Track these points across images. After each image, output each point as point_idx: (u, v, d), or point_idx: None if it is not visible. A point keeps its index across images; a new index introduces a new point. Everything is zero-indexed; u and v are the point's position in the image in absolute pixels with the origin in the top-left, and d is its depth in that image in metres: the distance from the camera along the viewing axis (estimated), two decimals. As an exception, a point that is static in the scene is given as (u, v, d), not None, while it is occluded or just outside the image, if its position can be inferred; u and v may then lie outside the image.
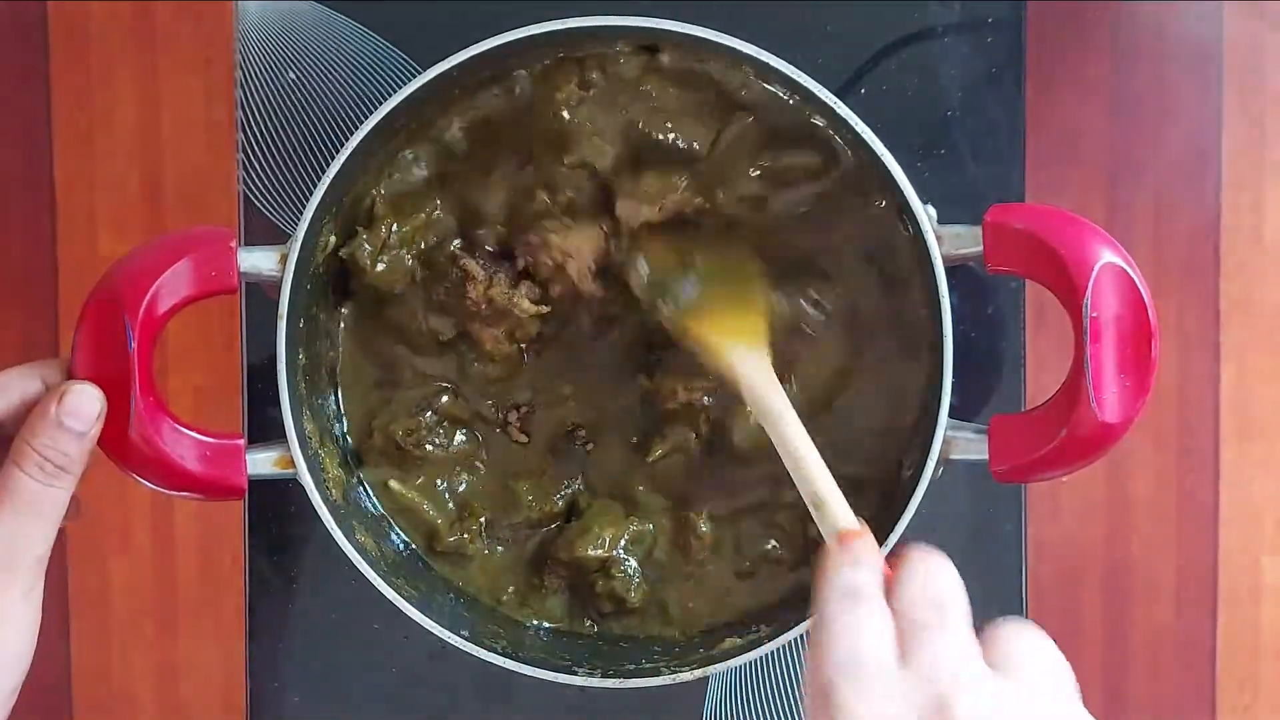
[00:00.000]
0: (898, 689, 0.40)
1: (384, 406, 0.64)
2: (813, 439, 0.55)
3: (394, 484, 0.64)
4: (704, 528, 0.64)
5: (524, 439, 0.65)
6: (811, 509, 0.50)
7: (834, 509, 0.50)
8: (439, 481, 0.64)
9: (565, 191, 0.61)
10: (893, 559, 0.45)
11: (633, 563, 0.64)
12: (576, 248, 0.62)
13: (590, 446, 0.65)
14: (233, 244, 0.55)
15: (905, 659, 0.41)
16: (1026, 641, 0.42)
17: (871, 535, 0.48)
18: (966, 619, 0.43)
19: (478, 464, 0.65)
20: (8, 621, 0.51)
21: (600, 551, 0.63)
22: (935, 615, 0.42)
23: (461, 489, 0.65)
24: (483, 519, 0.64)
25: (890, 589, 0.44)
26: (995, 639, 0.42)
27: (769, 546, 0.64)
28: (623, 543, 0.64)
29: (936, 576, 0.44)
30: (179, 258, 0.54)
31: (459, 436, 0.64)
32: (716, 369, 0.58)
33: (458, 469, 0.65)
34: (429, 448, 0.64)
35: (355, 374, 0.64)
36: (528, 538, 0.65)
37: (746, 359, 0.56)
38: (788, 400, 0.54)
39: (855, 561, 0.45)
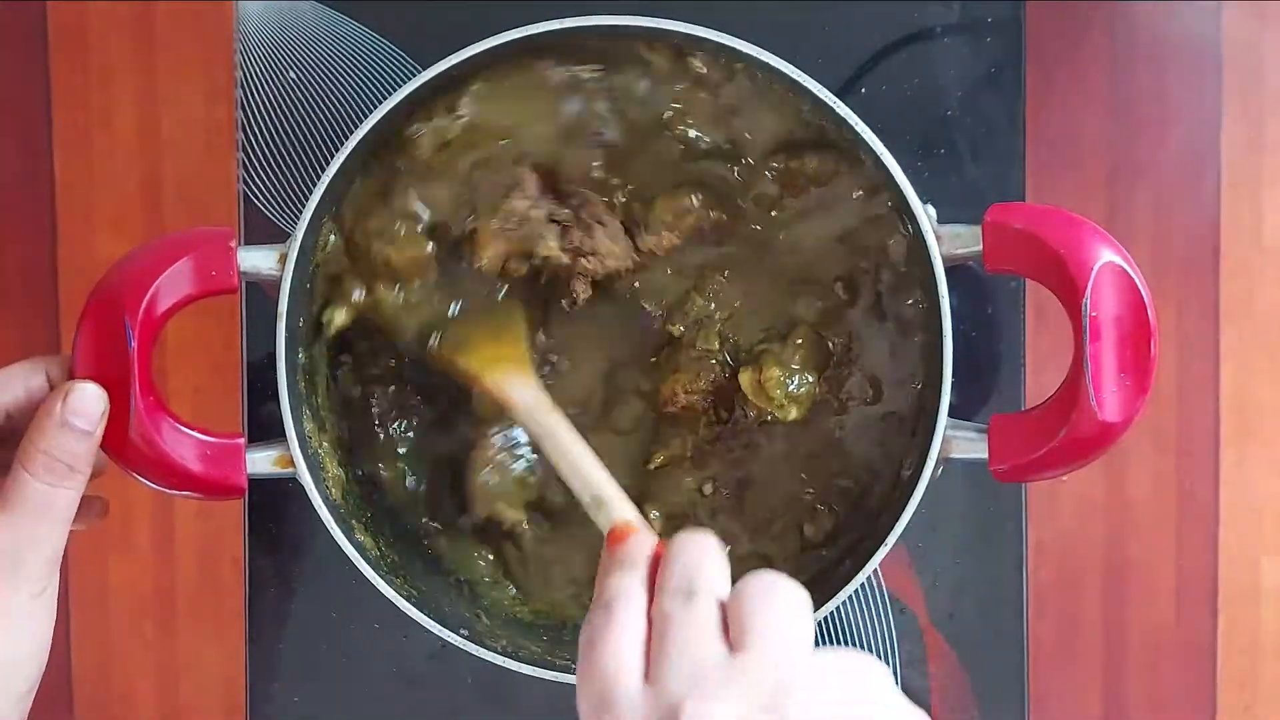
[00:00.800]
0: (639, 715, 0.40)
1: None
2: (813, 437, 0.55)
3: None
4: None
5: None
6: (593, 511, 0.50)
7: (613, 506, 0.50)
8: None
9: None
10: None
11: None
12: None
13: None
14: (232, 244, 0.55)
15: (649, 671, 0.40)
16: (757, 601, 0.41)
17: (643, 531, 0.47)
18: (713, 597, 0.41)
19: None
20: (15, 623, 0.51)
21: None
22: (681, 603, 0.41)
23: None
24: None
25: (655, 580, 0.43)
26: (731, 614, 0.41)
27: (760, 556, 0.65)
28: None
29: (686, 558, 0.43)
30: (178, 258, 0.55)
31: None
32: (487, 394, 0.59)
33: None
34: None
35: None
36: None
37: (514, 384, 0.58)
38: (559, 413, 0.55)
39: (620, 564, 0.44)
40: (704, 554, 0.43)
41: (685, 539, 0.44)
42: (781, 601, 0.41)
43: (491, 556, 0.65)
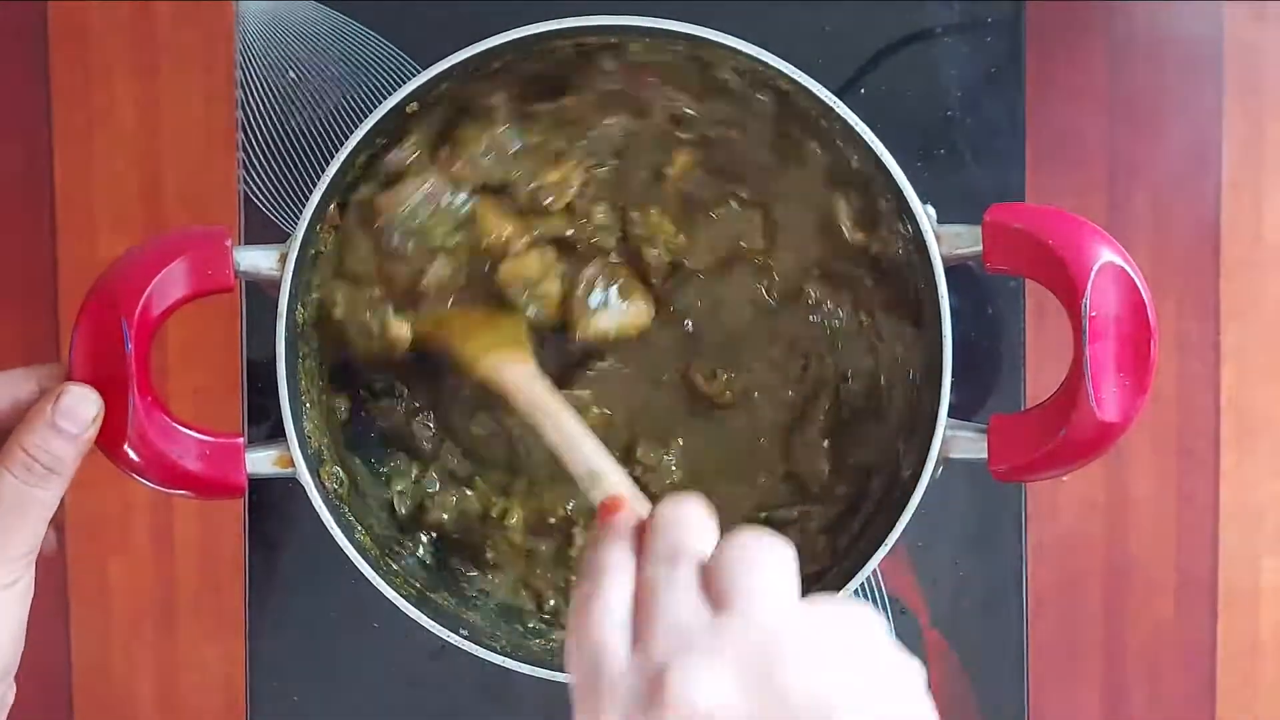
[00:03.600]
0: (625, 684, 0.39)
1: None
2: (815, 434, 0.54)
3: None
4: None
5: None
6: (588, 486, 0.51)
7: (607, 481, 0.50)
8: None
9: None
10: None
11: None
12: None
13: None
14: (228, 243, 0.55)
15: (636, 637, 0.40)
16: (736, 561, 0.41)
17: (634, 503, 0.47)
18: (695, 561, 0.41)
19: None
20: None
21: None
22: (665, 568, 0.41)
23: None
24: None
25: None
26: (713, 576, 0.41)
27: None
28: None
29: (670, 524, 0.43)
30: (174, 257, 0.55)
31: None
32: (486, 381, 0.59)
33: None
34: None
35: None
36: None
37: (512, 368, 0.58)
38: (556, 393, 0.55)
39: (609, 535, 0.44)
40: (688, 518, 0.43)
41: (670, 505, 0.44)
42: (762, 558, 0.41)
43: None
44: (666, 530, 0.43)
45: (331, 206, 0.59)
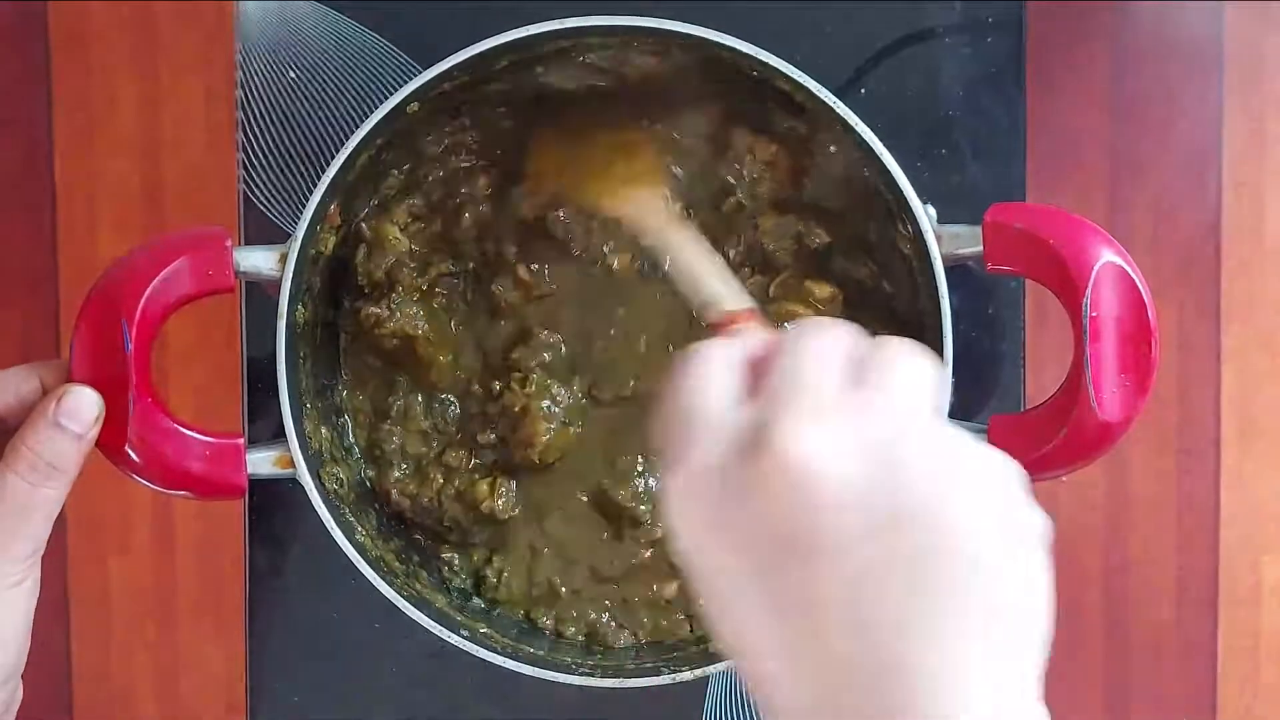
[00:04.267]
0: (728, 425, 0.35)
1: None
2: None
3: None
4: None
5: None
6: (710, 309, 0.48)
7: (729, 298, 0.47)
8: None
9: None
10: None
11: None
12: None
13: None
14: (228, 243, 0.55)
15: (754, 393, 0.36)
16: (892, 359, 0.36)
17: (759, 322, 0.43)
18: (841, 340, 0.37)
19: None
20: None
21: None
22: (801, 334, 0.37)
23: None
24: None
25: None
26: (862, 362, 0.36)
27: None
28: None
29: (818, 320, 0.38)
30: (175, 258, 0.55)
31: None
32: (620, 217, 0.58)
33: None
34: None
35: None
36: None
37: (647, 204, 0.56)
38: (686, 228, 0.54)
39: (729, 337, 0.40)
40: (838, 324, 0.38)
41: (810, 328, 0.38)
42: (916, 362, 0.37)
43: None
44: (814, 320, 0.39)
45: (332, 206, 0.59)
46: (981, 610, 0.33)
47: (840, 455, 0.34)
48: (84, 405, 0.53)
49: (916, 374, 0.36)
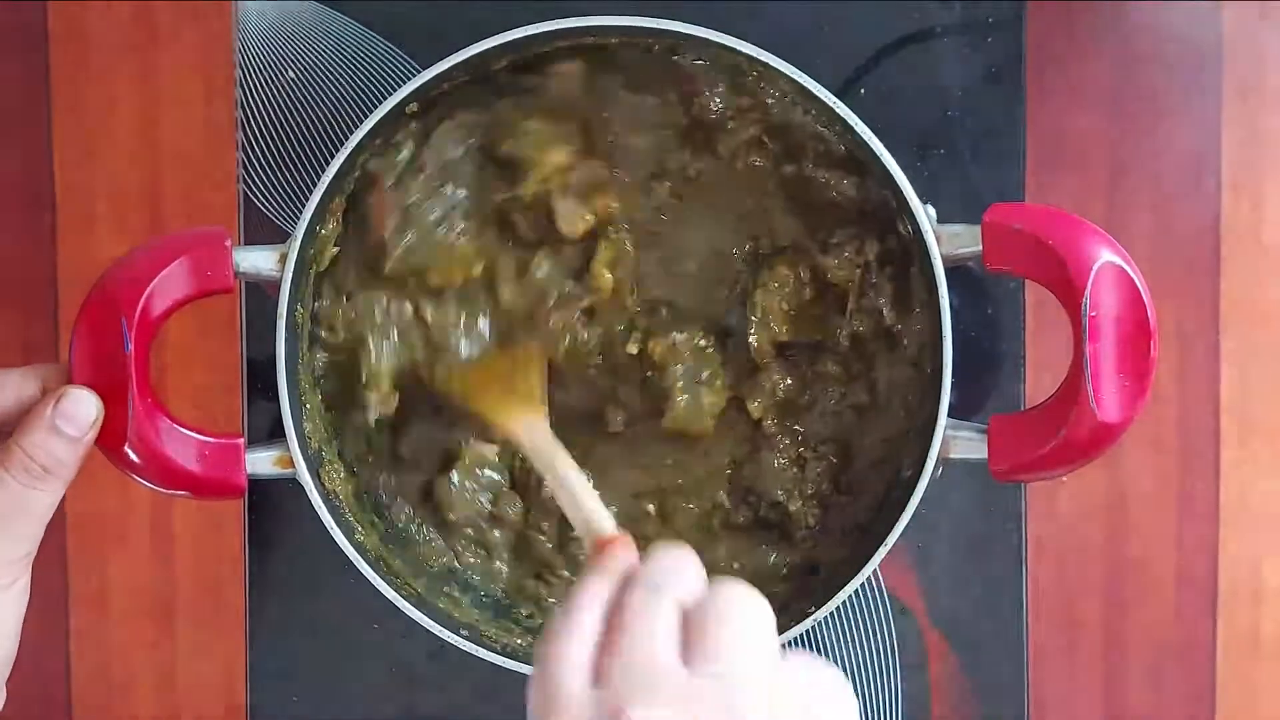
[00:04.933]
0: (583, 714, 0.38)
1: None
2: (818, 436, 0.54)
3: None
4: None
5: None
6: (585, 536, 0.50)
7: (603, 526, 0.49)
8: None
9: None
10: None
11: None
12: None
13: None
14: (228, 243, 0.55)
15: (601, 673, 0.39)
16: (720, 613, 0.40)
17: (630, 544, 0.46)
18: (676, 600, 0.40)
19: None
20: None
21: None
22: (643, 597, 0.40)
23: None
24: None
25: None
26: (694, 623, 0.40)
27: (771, 560, 0.65)
28: None
29: (661, 560, 0.42)
30: (174, 258, 0.55)
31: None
32: (501, 432, 0.59)
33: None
34: None
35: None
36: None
37: (524, 422, 0.57)
38: (564, 451, 0.55)
39: (595, 570, 0.43)
40: (682, 560, 0.42)
41: (665, 546, 0.43)
42: (744, 611, 0.40)
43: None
44: (658, 561, 0.42)
45: (332, 205, 0.59)
46: None
47: None
48: (82, 408, 0.53)
49: (749, 626, 0.39)
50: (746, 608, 0.40)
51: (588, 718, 0.38)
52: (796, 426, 0.65)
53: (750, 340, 0.63)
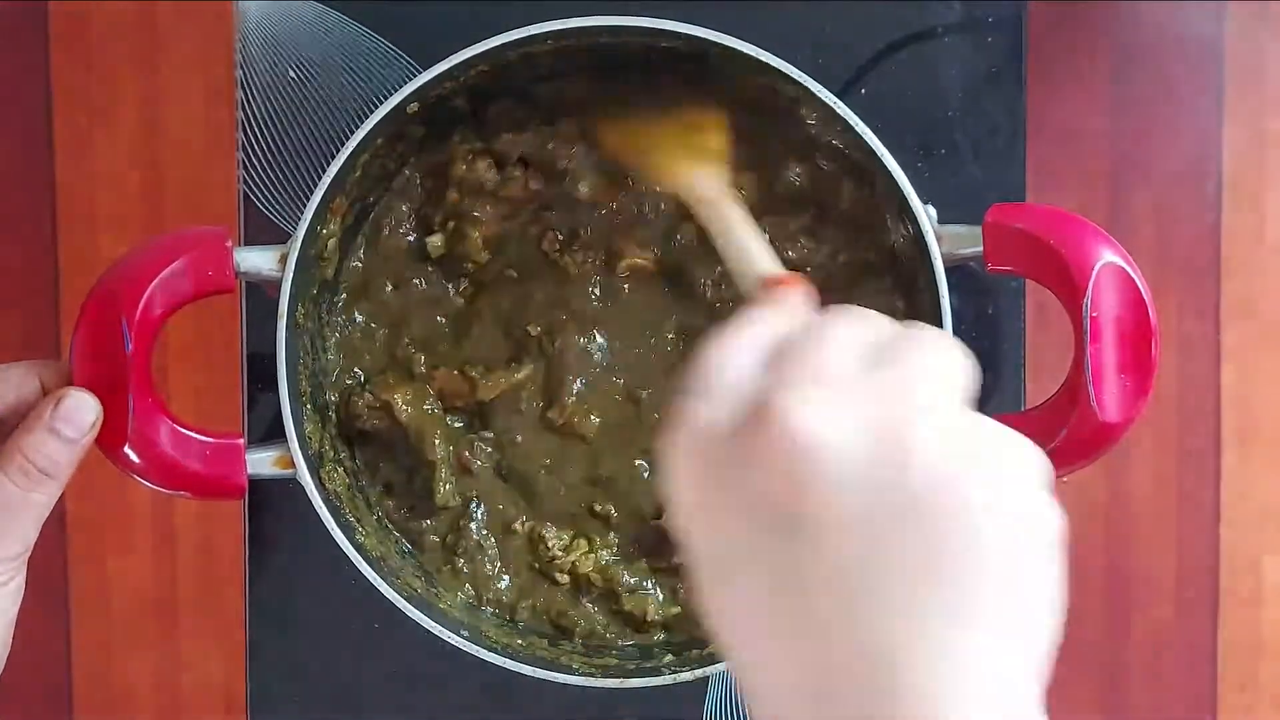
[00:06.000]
0: (737, 391, 0.34)
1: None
2: None
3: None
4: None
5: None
6: (755, 280, 0.46)
7: (773, 268, 0.46)
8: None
9: None
10: None
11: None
12: None
13: None
14: (228, 243, 0.55)
15: (771, 368, 0.35)
16: (916, 345, 0.35)
17: (808, 284, 0.41)
18: (873, 325, 0.36)
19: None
20: None
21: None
22: (832, 317, 0.36)
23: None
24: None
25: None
26: (880, 350, 0.35)
27: None
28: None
29: (853, 306, 0.37)
30: (175, 258, 0.54)
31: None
32: (668, 187, 0.59)
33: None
34: None
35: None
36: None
37: (704, 179, 0.55)
38: (732, 199, 0.52)
39: (772, 302, 0.39)
40: (872, 312, 0.37)
41: (850, 311, 0.37)
42: (947, 349, 0.35)
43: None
44: (851, 307, 0.37)
45: (333, 205, 0.59)
46: (984, 607, 0.32)
47: (843, 431, 0.32)
48: (81, 410, 0.53)
49: (941, 359, 0.35)
50: (945, 343, 0.35)
51: (742, 395, 0.34)
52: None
53: None
